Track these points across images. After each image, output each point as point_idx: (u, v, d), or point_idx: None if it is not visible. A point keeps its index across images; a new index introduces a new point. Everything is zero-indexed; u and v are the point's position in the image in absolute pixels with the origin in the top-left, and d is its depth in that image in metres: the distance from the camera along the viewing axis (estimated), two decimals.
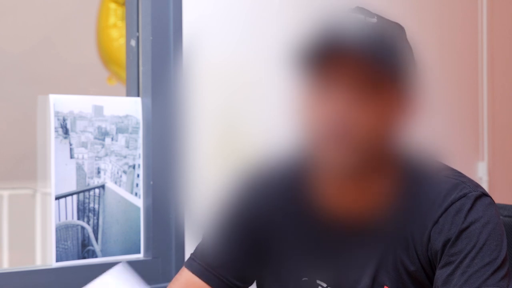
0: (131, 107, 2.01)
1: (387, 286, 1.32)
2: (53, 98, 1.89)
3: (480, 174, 2.84)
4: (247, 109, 2.14)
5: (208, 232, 1.43)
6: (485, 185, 2.84)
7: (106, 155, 1.96)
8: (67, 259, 1.90)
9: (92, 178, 1.94)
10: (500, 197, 2.87)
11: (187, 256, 1.70)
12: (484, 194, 1.33)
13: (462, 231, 1.29)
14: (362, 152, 1.26)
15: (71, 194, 1.91)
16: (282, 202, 1.38)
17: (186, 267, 1.43)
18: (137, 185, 2.02)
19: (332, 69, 1.25)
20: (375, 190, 1.32)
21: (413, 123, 1.32)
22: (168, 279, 1.95)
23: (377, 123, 1.26)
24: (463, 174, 1.37)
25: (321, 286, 1.36)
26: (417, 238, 1.31)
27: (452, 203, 1.30)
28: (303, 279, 1.37)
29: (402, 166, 1.34)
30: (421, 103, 1.32)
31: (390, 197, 1.32)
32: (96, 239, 1.95)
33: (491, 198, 1.35)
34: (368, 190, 1.32)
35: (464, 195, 1.31)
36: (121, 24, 2.48)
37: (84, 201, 1.93)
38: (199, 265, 1.41)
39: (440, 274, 1.29)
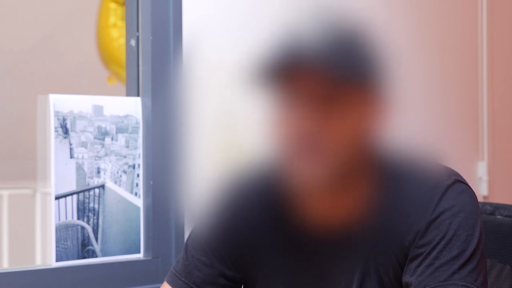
0: (131, 107, 2.01)
1: None
2: (53, 98, 1.89)
3: (480, 174, 2.84)
4: (247, 109, 2.14)
5: (192, 248, 1.41)
6: (485, 185, 2.84)
7: (106, 155, 1.96)
8: (67, 259, 1.90)
9: (92, 178, 1.94)
10: (500, 197, 2.88)
11: None
12: (458, 181, 1.29)
13: (431, 222, 1.25)
14: (336, 163, 1.23)
15: (71, 194, 1.91)
16: (263, 219, 1.36)
17: (170, 284, 1.41)
18: (137, 185, 2.02)
19: (292, 83, 1.23)
20: (354, 197, 1.30)
21: (390, 123, 1.29)
22: None
23: (349, 131, 1.23)
24: (444, 166, 1.32)
25: None
26: (393, 240, 1.28)
27: (423, 196, 1.27)
28: None
29: (382, 170, 1.31)
30: (395, 102, 1.28)
31: (370, 203, 1.30)
32: (96, 239, 1.95)
33: (467, 185, 1.30)
34: (347, 199, 1.30)
35: (435, 185, 1.27)
36: (121, 24, 2.48)
37: (84, 201, 1.93)
38: (184, 284, 1.39)
39: (409, 268, 1.27)
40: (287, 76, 1.23)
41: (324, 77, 1.20)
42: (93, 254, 1.95)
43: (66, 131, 1.90)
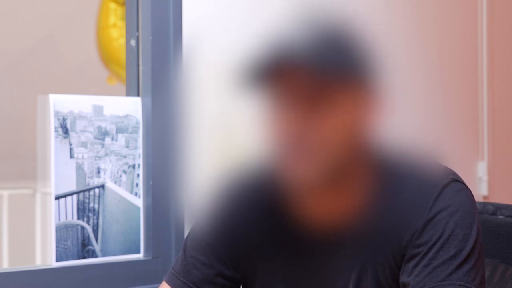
0: (131, 107, 2.01)
1: None
2: (53, 97, 1.89)
3: (480, 174, 2.84)
4: (246, 109, 2.14)
5: (190, 247, 1.41)
6: (485, 185, 2.84)
7: (106, 155, 1.96)
8: (67, 259, 1.90)
9: (92, 178, 1.94)
10: (500, 197, 2.88)
11: None
12: (454, 180, 1.28)
13: (428, 221, 1.25)
14: (328, 162, 1.23)
15: (71, 194, 1.91)
16: (262, 219, 1.36)
17: (169, 283, 1.41)
18: (137, 185, 2.02)
19: (278, 84, 1.23)
20: (350, 197, 1.30)
21: (385, 121, 1.28)
22: None
23: (339, 130, 1.23)
24: (442, 165, 1.32)
25: None
26: (390, 239, 1.28)
27: (420, 195, 1.27)
28: None
29: (378, 169, 1.30)
30: (388, 100, 1.27)
31: (366, 203, 1.30)
32: (96, 239, 1.95)
33: (463, 184, 1.30)
34: (342, 198, 1.30)
35: (432, 185, 1.27)
36: (121, 24, 2.48)
37: (84, 201, 1.93)
38: (183, 283, 1.39)
39: (406, 268, 1.26)
40: (273, 77, 1.23)
41: (310, 77, 1.20)
42: (93, 254, 1.95)
43: (66, 131, 1.90)
